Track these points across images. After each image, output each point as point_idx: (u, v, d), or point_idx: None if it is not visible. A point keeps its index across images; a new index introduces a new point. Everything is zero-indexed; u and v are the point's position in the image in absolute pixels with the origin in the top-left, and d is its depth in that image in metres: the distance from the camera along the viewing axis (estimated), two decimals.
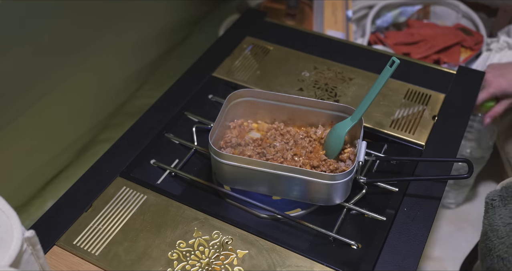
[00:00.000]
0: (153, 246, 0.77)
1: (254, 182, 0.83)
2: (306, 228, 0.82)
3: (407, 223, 0.81)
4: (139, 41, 1.29)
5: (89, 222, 0.81)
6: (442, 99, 1.00)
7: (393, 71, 0.79)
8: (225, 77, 1.05)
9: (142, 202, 0.83)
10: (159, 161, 0.92)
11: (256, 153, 0.87)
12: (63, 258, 0.77)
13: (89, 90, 1.18)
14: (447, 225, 1.26)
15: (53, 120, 1.11)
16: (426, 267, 1.19)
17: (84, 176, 0.88)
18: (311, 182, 0.78)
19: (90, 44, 1.12)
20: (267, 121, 0.94)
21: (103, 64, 1.19)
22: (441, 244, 1.22)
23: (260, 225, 0.83)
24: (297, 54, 1.10)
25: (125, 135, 0.95)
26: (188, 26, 1.49)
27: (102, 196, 0.84)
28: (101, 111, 1.25)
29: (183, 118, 0.99)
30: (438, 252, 1.21)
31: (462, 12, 1.45)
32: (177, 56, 1.46)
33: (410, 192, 0.85)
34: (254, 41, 1.13)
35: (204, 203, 0.85)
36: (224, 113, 0.88)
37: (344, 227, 0.83)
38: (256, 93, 0.90)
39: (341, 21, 1.39)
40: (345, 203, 0.83)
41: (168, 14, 1.37)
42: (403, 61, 0.86)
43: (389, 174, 0.90)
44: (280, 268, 0.75)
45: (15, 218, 0.53)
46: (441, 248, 1.22)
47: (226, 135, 0.90)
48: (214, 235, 0.79)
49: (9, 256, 0.50)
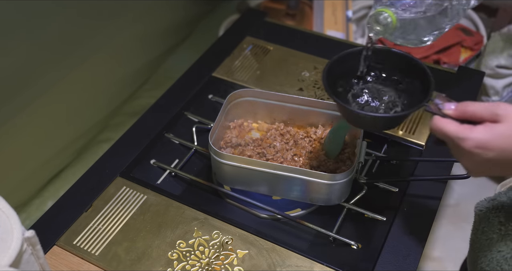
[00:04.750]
0: (153, 246, 0.77)
1: (254, 182, 0.83)
2: (306, 228, 0.82)
3: (407, 223, 0.81)
4: (139, 40, 1.29)
5: (89, 222, 0.81)
6: None
7: None
8: (225, 77, 1.05)
9: (142, 202, 0.83)
10: (159, 161, 0.92)
11: (256, 153, 0.87)
12: (63, 258, 0.77)
13: (88, 90, 1.18)
14: (447, 225, 1.26)
15: (53, 119, 1.11)
16: (426, 267, 1.19)
17: (84, 176, 0.88)
18: (311, 182, 0.78)
19: (89, 43, 1.12)
20: (267, 121, 0.94)
21: (103, 63, 1.19)
22: (441, 244, 1.22)
23: (260, 225, 0.83)
24: (297, 54, 1.10)
25: (125, 135, 0.95)
26: (188, 26, 1.49)
27: (102, 196, 0.84)
28: (101, 110, 1.25)
29: (183, 118, 0.99)
30: (438, 252, 1.21)
31: None
32: (177, 56, 1.46)
33: (410, 192, 0.85)
34: (254, 41, 1.13)
35: (204, 203, 0.85)
36: (224, 113, 0.88)
37: (344, 227, 0.83)
38: (256, 93, 0.90)
39: (341, 21, 1.39)
40: (345, 203, 0.83)
41: (168, 14, 1.37)
42: None
43: (389, 174, 0.90)
44: (280, 268, 0.75)
45: (15, 218, 0.53)
46: (441, 248, 1.21)
47: (226, 135, 0.90)
48: (214, 235, 0.79)
49: (9, 256, 0.50)
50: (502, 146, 0.56)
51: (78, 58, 1.10)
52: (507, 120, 0.56)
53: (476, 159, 0.58)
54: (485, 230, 0.69)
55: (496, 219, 0.68)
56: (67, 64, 1.08)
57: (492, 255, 0.67)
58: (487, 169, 0.60)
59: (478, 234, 0.71)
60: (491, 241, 0.68)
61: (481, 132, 0.57)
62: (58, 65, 1.06)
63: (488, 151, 0.57)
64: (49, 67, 1.03)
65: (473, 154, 0.58)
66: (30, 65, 0.99)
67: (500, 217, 0.68)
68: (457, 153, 0.61)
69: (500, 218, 0.68)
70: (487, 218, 0.70)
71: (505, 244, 0.66)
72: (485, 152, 0.57)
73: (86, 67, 1.13)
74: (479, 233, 0.70)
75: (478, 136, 0.57)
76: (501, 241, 0.66)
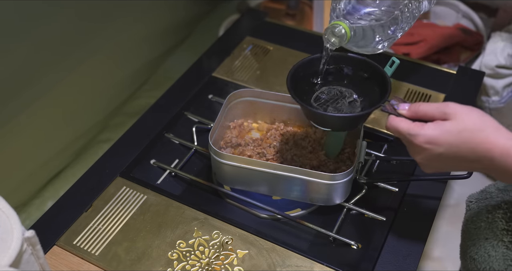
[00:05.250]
0: (153, 246, 0.77)
1: (254, 182, 0.83)
2: (306, 228, 0.82)
3: (407, 223, 0.81)
4: (139, 41, 1.29)
5: (89, 222, 0.81)
6: (442, 99, 1.00)
7: (393, 71, 0.79)
8: (225, 77, 1.05)
9: (142, 202, 0.83)
10: (159, 161, 0.92)
11: (256, 153, 0.87)
12: (63, 258, 0.77)
13: (88, 90, 1.18)
14: (447, 225, 1.26)
15: (53, 120, 1.11)
16: (426, 267, 1.19)
17: (84, 176, 0.88)
18: (311, 182, 0.78)
19: (89, 43, 1.12)
20: (267, 121, 0.94)
21: (103, 64, 1.19)
22: (441, 244, 1.22)
23: (260, 225, 0.83)
24: (297, 54, 1.10)
25: (125, 135, 0.95)
26: (188, 26, 1.49)
27: (102, 196, 0.84)
28: (100, 111, 1.25)
29: (183, 118, 0.99)
30: (438, 252, 1.21)
31: (462, 12, 1.45)
32: (177, 56, 1.46)
33: (410, 192, 0.85)
34: (254, 41, 1.13)
35: (204, 203, 0.85)
36: (224, 113, 0.88)
37: (344, 227, 0.83)
38: (256, 93, 0.90)
39: None
40: (345, 203, 0.83)
41: (168, 14, 1.36)
42: (403, 61, 0.86)
43: (389, 174, 0.90)
44: (280, 268, 0.75)
45: (15, 218, 0.53)
46: (441, 248, 1.21)
47: (226, 135, 0.90)
48: (214, 235, 0.79)
49: (9, 256, 0.50)
50: (450, 141, 0.60)
51: (78, 59, 1.10)
52: (455, 118, 0.60)
53: (428, 155, 0.62)
54: (474, 220, 0.71)
55: (484, 208, 0.71)
56: (67, 65, 1.08)
57: (480, 242, 0.69)
58: (439, 164, 0.64)
59: (468, 224, 0.73)
60: (479, 229, 0.70)
61: (431, 129, 0.61)
62: (58, 66, 1.06)
63: (438, 147, 0.61)
64: (49, 68, 1.03)
65: (424, 149, 0.62)
66: (30, 66, 0.99)
67: (488, 206, 0.70)
68: (410, 149, 0.65)
69: (488, 207, 0.70)
70: (476, 208, 0.73)
71: (491, 231, 0.68)
72: (435, 147, 0.61)
73: (86, 68, 1.13)
74: (469, 222, 0.72)
75: (427, 132, 0.61)
76: (488, 229, 0.68)
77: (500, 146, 0.57)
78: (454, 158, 0.61)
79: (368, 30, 0.76)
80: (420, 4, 0.82)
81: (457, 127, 0.60)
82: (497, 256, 0.66)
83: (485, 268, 0.66)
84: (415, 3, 0.80)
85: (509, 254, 0.65)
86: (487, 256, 0.67)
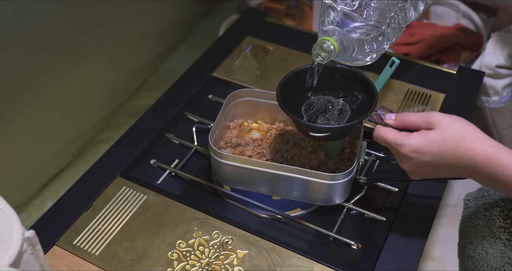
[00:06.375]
0: (153, 246, 0.77)
1: (254, 182, 0.83)
2: (306, 228, 0.82)
3: (407, 223, 0.81)
4: (139, 40, 1.29)
5: (89, 222, 0.81)
6: (442, 99, 1.00)
7: (393, 71, 0.79)
8: (225, 77, 1.05)
9: (142, 202, 0.83)
10: (159, 161, 0.92)
11: (256, 153, 0.87)
12: (63, 258, 0.77)
13: (88, 90, 1.18)
14: (447, 225, 1.26)
15: (53, 119, 1.11)
16: (426, 267, 1.19)
17: (84, 176, 0.88)
18: (311, 182, 0.78)
19: (89, 43, 1.12)
20: (267, 121, 0.94)
21: (103, 63, 1.19)
22: (441, 244, 1.22)
23: (260, 225, 0.83)
24: (297, 54, 1.10)
25: (125, 135, 0.95)
26: (188, 26, 1.49)
27: (102, 196, 0.84)
28: (100, 111, 1.25)
29: (183, 118, 0.99)
30: (438, 252, 1.21)
31: (462, 12, 1.45)
32: (177, 56, 1.46)
33: (410, 192, 0.85)
34: (254, 41, 1.13)
35: (204, 203, 0.85)
36: (224, 113, 0.88)
37: (344, 227, 0.83)
38: (256, 93, 0.90)
39: None
40: (345, 203, 0.83)
41: (168, 14, 1.37)
42: (403, 61, 0.86)
43: (389, 174, 0.90)
44: (280, 268, 0.75)
45: (15, 218, 0.53)
46: (441, 248, 1.21)
47: (226, 135, 0.90)
48: (214, 235, 0.79)
49: (9, 256, 0.50)
50: (434, 150, 0.63)
51: (78, 58, 1.10)
52: (439, 127, 0.63)
53: (414, 163, 0.66)
54: (471, 218, 0.72)
55: (482, 206, 0.71)
56: (66, 65, 1.08)
57: (477, 240, 0.69)
58: (425, 171, 0.67)
59: (465, 222, 0.74)
60: (477, 227, 0.70)
61: (416, 138, 0.64)
62: (58, 65, 1.06)
63: (423, 155, 0.64)
64: (48, 68, 1.03)
65: (411, 158, 0.65)
66: (30, 66, 0.99)
67: (486, 204, 0.71)
68: (397, 158, 0.68)
69: (485, 205, 0.71)
70: (474, 206, 0.73)
71: (489, 229, 0.68)
72: (421, 156, 0.64)
73: (86, 67, 1.13)
74: (467, 221, 0.73)
75: (413, 142, 0.64)
76: (486, 227, 0.69)
77: (481, 153, 0.60)
78: (440, 166, 0.64)
79: (356, 44, 0.77)
80: (407, 14, 0.83)
81: (441, 136, 0.62)
82: (495, 254, 0.66)
83: (483, 266, 0.67)
84: (401, 14, 0.80)
85: (507, 252, 0.65)
86: (485, 254, 0.67)
